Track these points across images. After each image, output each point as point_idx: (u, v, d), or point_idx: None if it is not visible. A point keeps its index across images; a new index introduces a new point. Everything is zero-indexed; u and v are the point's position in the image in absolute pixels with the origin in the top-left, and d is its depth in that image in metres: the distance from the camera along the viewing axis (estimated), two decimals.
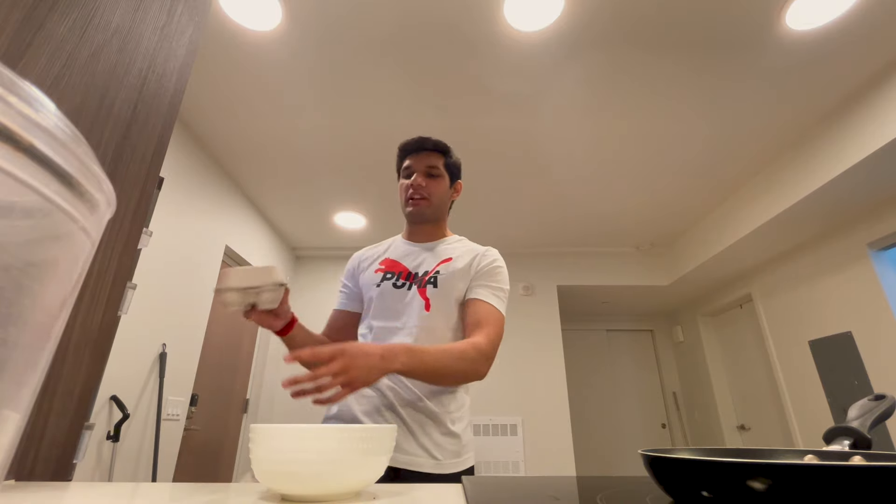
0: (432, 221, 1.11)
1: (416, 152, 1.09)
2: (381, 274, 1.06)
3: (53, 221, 0.14)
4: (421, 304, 0.99)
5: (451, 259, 1.06)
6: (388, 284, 1.03)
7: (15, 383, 0.14)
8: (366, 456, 0.44)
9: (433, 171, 1.07)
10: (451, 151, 1.12)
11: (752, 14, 1.77)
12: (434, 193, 1.07)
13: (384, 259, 1.10)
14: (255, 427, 0.44)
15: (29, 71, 0.54)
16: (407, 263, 1.07)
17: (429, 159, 1.08)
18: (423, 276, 1.03)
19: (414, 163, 1.07)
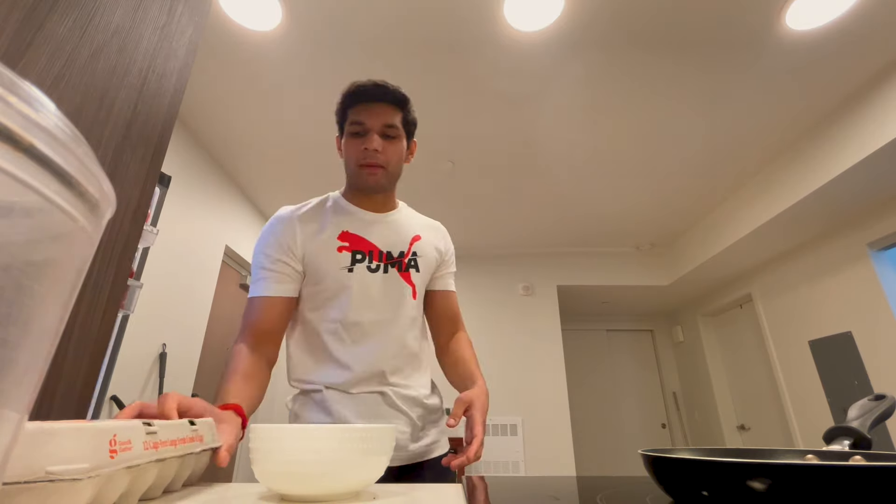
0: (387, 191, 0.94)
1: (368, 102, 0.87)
2: (347, 254, 0.86)
3: (53, 221, 0.14)
4: (408, 291, 0.89)
5: (420, 237, 0.95)
6: (363, 268, 0.86)
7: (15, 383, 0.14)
8: (366, 456, 0.44)
9: (391, 131, 0.87)
10: (410, 103, 0.91)
11: (752, 14, 1.77)
12: (391, 160, 0.88)
13: (342, 232, 0.88)
14: (255, 427, 0.44)
15: (29, 71, 0.54)
16: (373, 240, 0.90)
17: (386, 115, 0.87)
18: (400, 258, 0.90)
19: (367, 119, 0.86)
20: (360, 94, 0.88)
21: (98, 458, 0.31)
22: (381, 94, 0.87)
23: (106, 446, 0.32)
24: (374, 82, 0.87)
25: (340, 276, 0.85)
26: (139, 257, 1.87)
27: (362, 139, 0.86)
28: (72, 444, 0.29)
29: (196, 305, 2.66)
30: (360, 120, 0.87)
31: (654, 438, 4.78)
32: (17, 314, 0.13)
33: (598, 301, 4.70)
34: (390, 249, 0.90)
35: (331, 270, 0.85)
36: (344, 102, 0.90)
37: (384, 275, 0.88)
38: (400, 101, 0.89)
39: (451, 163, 2.82)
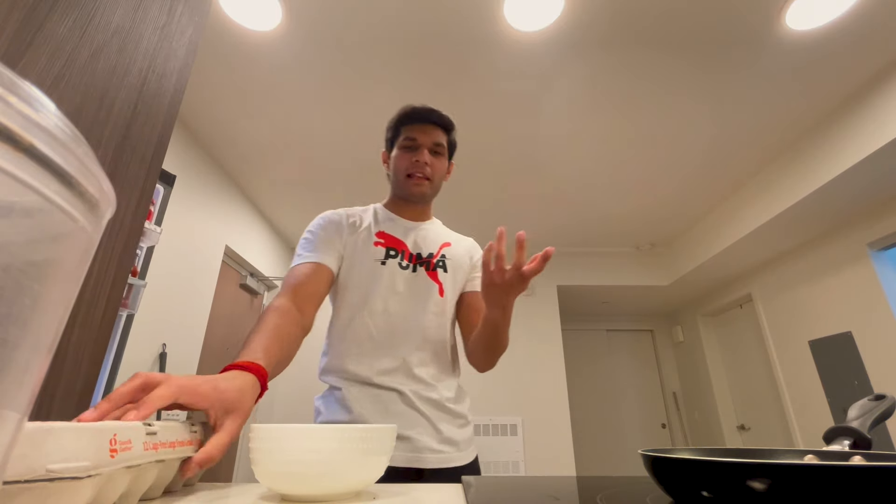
0: (426, 202, 1.05)
1: (421, 123, 0.99)
2: (382, 249, 0.95)
3: (53, 221, 0.14)
4: (434, 289, 0.95)
5: (451, 244, 1.03)
6: (394, 263, 0.94)
7: (15, 383, 0.14)
8: (366, 456, 0.44)
9: (438, 148, 0.99)
10: (454, 130, 1.04)
11: (752, 14, 1.77)
12: (436, 174, 1.00)
13: (379, 231, 0.98)
14: (255, 427, 0.44)
15: (29, 71, 0.54)
16: (406, 241, 0.99)
17: (435, 135, 0.99)
18: (430, 259, 0.98)
19: (419, 136, 0.98)
20: (415, 114, 1.00)
21: (98, 457, 0.30)
22: (432, 116, 0.99)
23: (106, 446, 0.32)
24: (427, 107, 1.00)
25: (374, 267, 0.93)
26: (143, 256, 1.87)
27: (413, 153, 0.98)
28: (72, 443, 0.29)
29: (196, 305, 2.66)
30: (413, 136, 0.98)
31: (654, 438, 4.78)
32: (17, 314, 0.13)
33: (598, 301, 4.70)
34: (420, 251, 0.98)
35: (366, 262, 0.93)
36: (399, 121, 1.01)
37: (413, 273, 0.95)
38: (447, 125, 1.02)
39: (451, 162, 2.81)
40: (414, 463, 0.81)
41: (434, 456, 0.83)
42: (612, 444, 4.69)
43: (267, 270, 3.63)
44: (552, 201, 3.31)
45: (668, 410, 4.87)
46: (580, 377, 4.87)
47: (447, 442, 0.86)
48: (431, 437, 0.84)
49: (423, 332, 0.91)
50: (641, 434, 4.77)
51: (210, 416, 0.48)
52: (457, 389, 0.95)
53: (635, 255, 4.23)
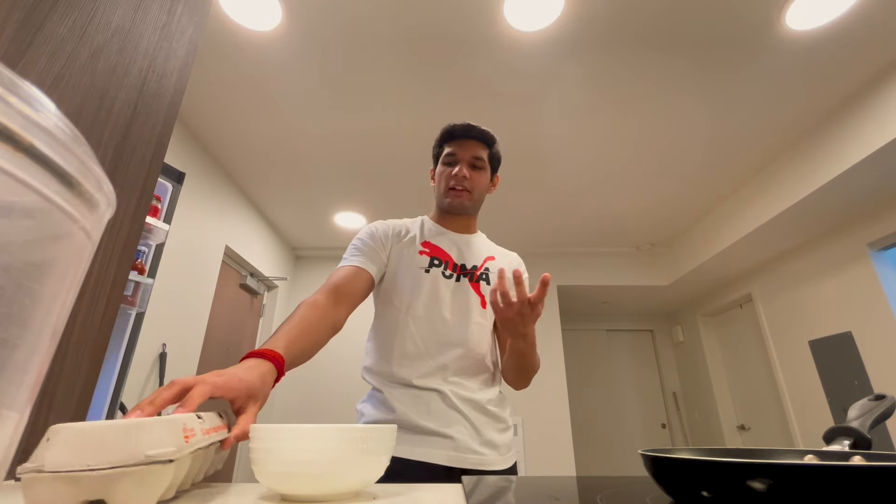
0: (470, 214, 1.07)
1: (461, 139, 1.02)
2: (427, 258, 0.98)
3: (53, 221, 0.14)
4: (477, 300, 0.96)
5: (494, 258, 1.05)
6: (438, 272, 0.97)
7: (15, 383, 0.14)
8: (366, 456, 0.44)
9: (478, 162, 1.01)
10: (497, 144, 1.06)
11: (752, 14, 1.77)
12: (476, 186, 1.02)
13: (424, 241, 1.02)
14: (255, 427, 0.44)
15: (29, 71, 0.54)
16: (450, 252, 1.02)
17: (475, 149, 1.02)
18: (473, 271, 1.00)
19: (459, 151, 1.01)
20: (456, 131, 1.03)
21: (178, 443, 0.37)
22: (472, 132, 1.02)
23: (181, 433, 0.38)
24: (467, 123, 1.02)
25: (418, 274, 0.96)
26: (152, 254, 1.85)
27: (453, 167, 1.01)
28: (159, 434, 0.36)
29: (196, 305, 2.66)
30: (452, 152, 1.02)
31: (654, 438, 4.78)
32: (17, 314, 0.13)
33: (598, 301, 4.70)
34: (464, 262, 1.01)
35: (410, 269, 0.97)
36: (441, 139, 1.05)
37: (456, 283, 0.97)
38: (488, 140, 1.03)
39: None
40: (455, 462, 0.81)
41: (475, 457, 0.84)
42: (612, 444, 4.69)
43: (267, 270, 3.63)
44: (552, 201, 3.31)
45: (668, 410, 4.87)
46: (580, 377, 4.87)
47: (487, 444, 0.86)
48: (472, 438, 0.85)
49: (464, 340, 0.92)
50: (641, 434, 4.77)
51: (236, 403, 0.55)
52: (498, 395, 0.96)
53: (635, 255, 4.23)
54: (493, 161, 1.06)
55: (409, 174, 2.93)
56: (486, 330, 0.97)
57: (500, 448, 0.88)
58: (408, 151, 2.69)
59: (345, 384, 3.66)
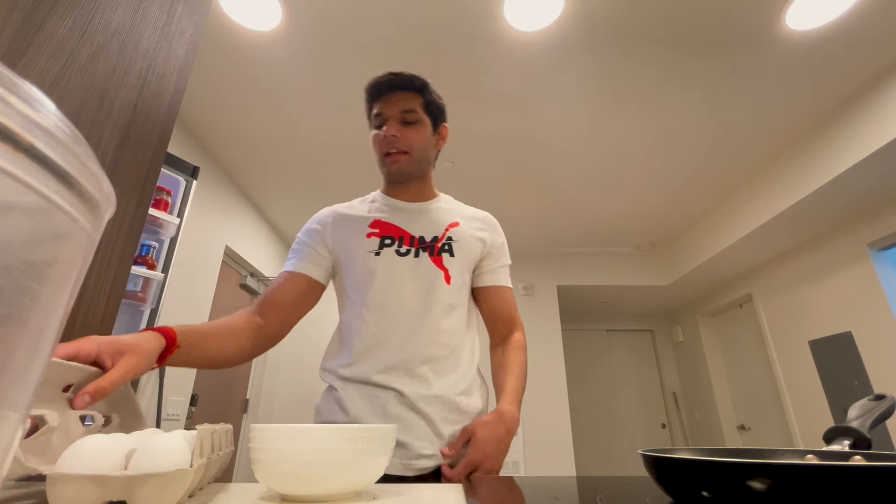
0: (418, 178, 0.93)
1: (386, 94, 0.88)
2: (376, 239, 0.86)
3: (53, 221, 0.14)
4: (439, 275, 0.84)
5: (459, 224, 0.91)
6: (391, 252, 0.85)
7: (15, 383, 0.14)
8: (366, 456, 0.44)
9: (409, 116, 0.87)
10: (430, 87, 0.90)
11: (752, 14, 1.77)
12: (414, 144, 0.88)
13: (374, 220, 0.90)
14: (255, 427, 0.44)
15: (29, 71, 0.54)
16: (406, 226, 0.89)
17: (403, 102, 0.87)
18: (433, 242, 0.87)
19: (385, 108, 0.87)
20: (377, 86, 0.89)
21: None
22: (396, 83, 0.87)
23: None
24: (389, 73, 0.88)
25: (367, 260, 0.85)
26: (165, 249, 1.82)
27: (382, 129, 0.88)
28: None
29: (196, 305, 2.66)
30: (379, 111, 0.88)
31: (654, 438, 4.78)
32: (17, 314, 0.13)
33: (598, 301, 4.70)
34: (423, 234, 0.88)
35: (359, 256, 0.86)
36: (366, 100, 0.92)
37: (415, 259, 0.85)
38: (417, 87, 0.89)
39: (451, 162, 2.82)
40: (409, 471, 0.74)
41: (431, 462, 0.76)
42: (612, 444, 4.69)
43: (267, 270, 3.63)
44: (552, 201, 3.31)
45: (668, 410, 4.87)
46: (580, 377, 4.87)
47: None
48: (431, 443, 0.76)
49: (428, 324, 0.82)
50: (641, 434, 4.77)
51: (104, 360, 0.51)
52: (470, 381, 0.85)
53: (635, 255, 4.23)
54: (432, 109, 0.91)
55: None
56: (454, 308, 0.85)
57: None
58: None
59: None
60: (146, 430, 0.47)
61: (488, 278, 0.92)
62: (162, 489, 0.35)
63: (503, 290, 0.92)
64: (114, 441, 0.38)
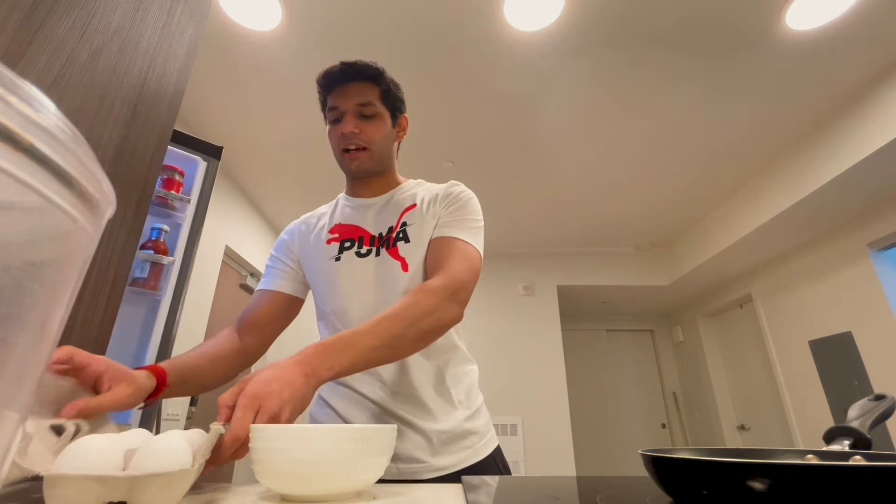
0: (378, 174, 0.88)
1: (339, 85, 0.84)
2: (335, 244, 0.83)
3: (53, 221, 0.14)
4: (396, 266, 0.79)
5: (415, 205, 0.85)
6: (351, 254, 0.82)
7: (15, 383, 0.14)
8: (366, 456, 0.44)
9: (367, 109, 0.83)
10: (386, 76, 0.86)
11: (752, 14, 1.77)
12: (373, 140, 0.83)
13: (333, 226, 0.87)
14: (255, 427, 0.44)
15: (29, 71, 0.54)
16: (365, 225, 0.85)
17: (359, 94, 0.83)
18: (389, 234, 0.83)
19: (341, 102, 0.83)
20: (331, 78, 0.84)
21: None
22: (350, 73, 0.83)
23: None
24: (341, 63, 0.83)
25: (329, 267, 0.82)
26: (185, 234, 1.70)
27: (339, 125, 0.83)
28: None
29: (196, 305, 2.66)
30: (334, 105, 0.84)
31: (654, 438, 4.78)
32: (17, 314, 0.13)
33: (598, 301, 4.70)
34: (381, 231, 0.84)
35: (321, 263, 0.84)
36: (320, 93, 0.88)
37: (376, 258, 0.81)
38: (373, 77, 0.84)
39: (451, 163, 2.82)
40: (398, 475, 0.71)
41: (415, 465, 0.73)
42: (612, 444, 4.68)
43: None
44: (552, 201, 3.31)
45: (668, 410, 4.87)
46: (580, 377, 4.87)
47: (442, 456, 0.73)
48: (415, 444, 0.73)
49: None
50: (641, 434, 4.77)
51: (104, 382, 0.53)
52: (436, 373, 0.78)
53: (635, 255, 4.23)
54: (390, 100, 0.86)
55: (409, 174, 2.92)
56: None
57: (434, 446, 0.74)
58: (408, 151, 2.69)
59: None
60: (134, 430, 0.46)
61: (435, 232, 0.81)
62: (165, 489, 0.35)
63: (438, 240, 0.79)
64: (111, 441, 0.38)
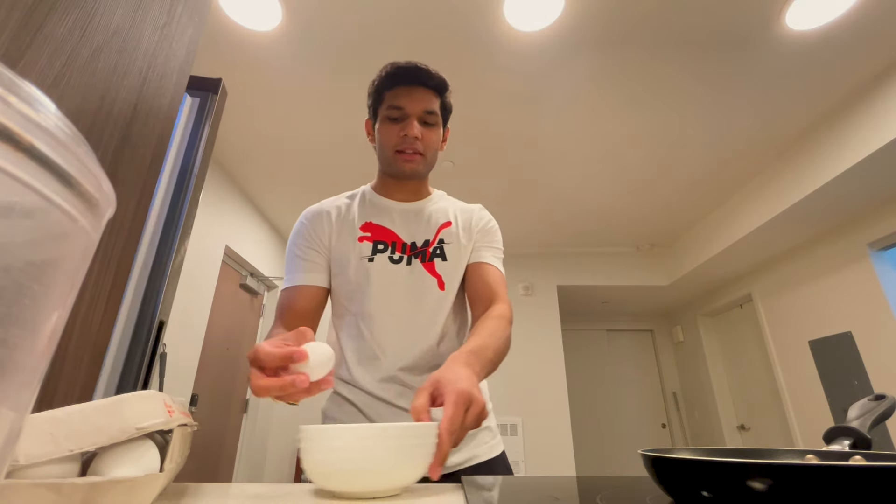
0: (421, 179, 0.90)
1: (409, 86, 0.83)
2: (368, 244, 0.83)
3: (53, 221, 0.14)
4: (432, 283, 0.82)
5: (451, 223, 0.87)
6: (384, 259, 0.82)
7: (15, 383, 0.14)
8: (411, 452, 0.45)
9: (430, 118, 0.83)
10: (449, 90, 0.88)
11: (752, 14, 1.77)
12: (430, 147, 0.84)
13: (364, 223, 0.86)
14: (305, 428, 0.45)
15: (29, 71, 0.54)
16: (397, 230, 0.85)
17: (426, 101, 0.83)
18: (425, 248, 0.84)
19: (407, 104, 0.82)
20: (400, 76, 0.84)
21: (164, 415, 0.36)
22: (422, 77, 0.83)
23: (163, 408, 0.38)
24: (415, 64, 0.83)
25: (361, 266, 0.82)
26: None
27: (401, 125, 0.82)
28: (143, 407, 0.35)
29: (196, 305, 2.66)
30: (399, 104, 0.83)
31: (654, 438, 4.78)
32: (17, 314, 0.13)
33: (598, 301, 4.70)
34: (415, 240, 0.85)
35: (352, 261, 0.82)
36: (381, 84, 0.86)
37: (407, 267, 0.82)
38: (440, 87, 0.85)
39: (451, 162, 2.82)
40: None
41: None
42: (612, 444, 4.69)
43: (267, 270, 3.63)
44: (552, 201, 3.31)
45: (668, 410, 4.87)
46: (580, 377, 4.87)
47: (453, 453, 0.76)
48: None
49: (424, 335, 0.80)
50: (641, 434, 4.77)
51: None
52: None
53: (635, 255, 4.23)
54: (445, 113, 0.88)
55: None
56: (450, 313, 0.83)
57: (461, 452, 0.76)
58: None
59: None
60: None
61: (471, 257, 0.87)
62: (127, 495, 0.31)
63: (484, 265, 0.85)
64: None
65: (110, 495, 0.30)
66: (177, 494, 0.45)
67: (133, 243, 0.79)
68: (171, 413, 0.38)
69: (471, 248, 0.87)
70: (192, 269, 2.61)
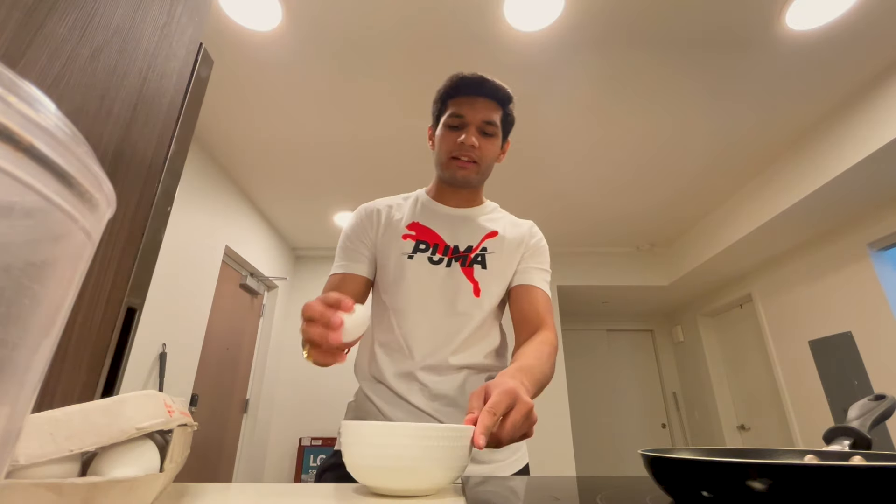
0: (474, 187, 0.92)
1: (470, 96, 0.85)
2: (411, 242, 0.85)
3: (53, 221, 0.14)
4: (468, 288, 0.82)
5: (497, 233, 0.89)
6: (423, 258, 0.84)
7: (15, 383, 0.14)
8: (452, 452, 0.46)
9: (489, 128, 0.85)
10: (513, 104, 0.89)
11: (752, 14, 1.77)
12: (486, 157, 0.86)
13: (412, 223, 0.88)
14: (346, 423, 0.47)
15: (29, 71, 0.54)
16: (442, 233, 0.87)
17: (487, 111, 0.84)
18: (467, 253, 0.85)
19: (468, 112, 0.84)
20: (463, 86, 0.85)
21: (164, 415, 0.36)
22: (484, 88, 0.85)
23: (163, 408, 0.37)
24: (479, 76, 0.84)
25: (400, 262, 0.84)
26: None
27: (459, 132, 0.84)
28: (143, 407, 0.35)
29: (196, 305, 2.66)
30: (460, 113, 0.84)
31: (654, 438, 4.78)
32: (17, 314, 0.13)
33: (598, 301, 4.70)
34: (458, 244, 0.86)
35: (392, 256, 0.85)
36: (445, 93, 0.87)
37: (446, 269, 0.83)
38: (503, 99, 0.87)
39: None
40: None
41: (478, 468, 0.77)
42: (612, 444, 4.69)
43: (267, 270, 3.63)
44: (552, 201, 3.31)
45: (668, 410, 4.87)
46: (580, 377, 4.87)
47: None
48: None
49: (446, 335, 0.80)
50: (641, 434, 4.77)
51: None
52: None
53: (635, 255, 4.23)
54: (506, 125, 0.90)
55: (409, 175, 2.93)
56: (481, 319, 0.83)
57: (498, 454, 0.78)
58: (408, 151, 2.69)
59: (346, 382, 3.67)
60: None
61: (518, 278, 0.87)
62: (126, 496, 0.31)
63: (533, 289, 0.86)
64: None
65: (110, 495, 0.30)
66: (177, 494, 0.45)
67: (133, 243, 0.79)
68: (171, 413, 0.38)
69: (516, 264, 0.88)
70: (192, 269, 2.61)
